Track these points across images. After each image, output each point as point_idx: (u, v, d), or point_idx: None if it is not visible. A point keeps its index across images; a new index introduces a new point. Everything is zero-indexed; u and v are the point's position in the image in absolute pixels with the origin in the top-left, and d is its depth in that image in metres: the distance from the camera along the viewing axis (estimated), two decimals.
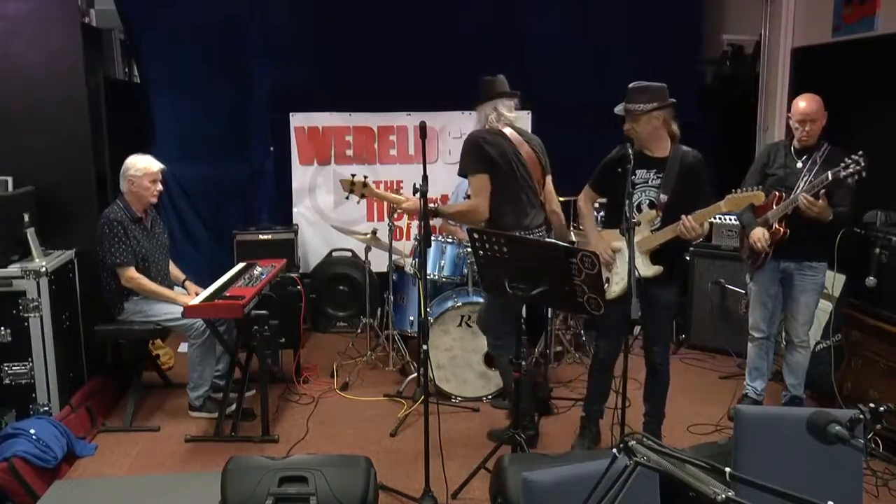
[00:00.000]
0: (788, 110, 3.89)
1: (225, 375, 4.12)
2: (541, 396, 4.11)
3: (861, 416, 1.43)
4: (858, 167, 3.35)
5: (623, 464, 1.37)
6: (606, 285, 3.38)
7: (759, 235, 3.76)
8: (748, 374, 4.12)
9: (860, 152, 3.37)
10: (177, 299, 3.95)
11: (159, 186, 4.04)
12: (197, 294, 3.97)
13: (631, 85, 3.24)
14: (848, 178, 3.38)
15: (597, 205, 4.28)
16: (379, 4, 5.37)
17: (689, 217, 3.15)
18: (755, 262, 3.86)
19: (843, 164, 3.40)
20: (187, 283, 4.27)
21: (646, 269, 3.31)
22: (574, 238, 4.78)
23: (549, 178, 3.72)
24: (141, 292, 3.95)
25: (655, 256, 3.32)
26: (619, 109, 3.28)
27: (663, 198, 3.25)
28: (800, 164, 3.73)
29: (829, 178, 3.43)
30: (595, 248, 3.35)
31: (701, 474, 1.28)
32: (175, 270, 4.32)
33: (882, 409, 1.44)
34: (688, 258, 5.11)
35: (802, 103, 3.68)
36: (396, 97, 5.39)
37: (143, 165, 3.96)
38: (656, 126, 3.24)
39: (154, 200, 4.06)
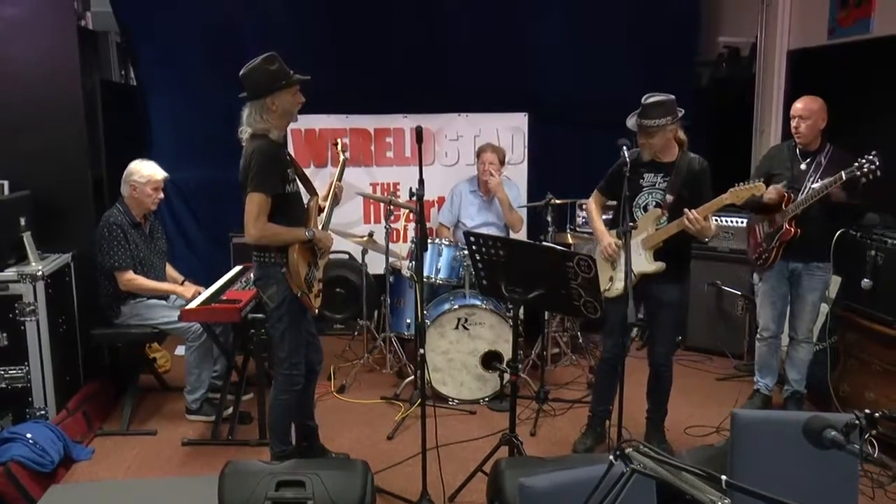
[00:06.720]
0: (788, 111, 3.92)
1: (222, 378, 4.11)
2: None
3: (856, 422, 1.44)
4: (873, 167, 3.38)
5: (620, 470, 1.37)
6: (610, 283, 3.45)
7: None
8: (758, 371, 4.13)
9: (874, 152, 3.40)
10: (175, 290, 3.98)
11: (161, 195, 4.03)
12: (198, 293, 3.95)
13: (645, 100, 3.29)
14: (862, 178, 3.41)
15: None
16: (377, 6, 5.36)
17: (694, 210, 3.24)
18: (763, 263, 3.88)
19: (856, 164, 3.42)
20: (186, 284, 4.26)
21: (648, 265, 3.39)
22: (571, 241, 4.79)
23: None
24: (140, 292, 3.95)
25: (660, 254, 3.39)
26: (631, 124, 3.35)
27: (669, 198, 3.36)
28: (804, 166, 3.77)
29: (843, 177, 3.46)
30: (601, 241, 3.50)
31: (697, 482, 1.28)
32: (172, 272, 4.31)
33: (877, 414, 1.45)
34: None
35: (798, 103, 3.78)
36: (393, 99, 5.37)
37: (147, 172, 3.95)
38: (669, 138, 3.34)
39: (154, 208, 4.07)
